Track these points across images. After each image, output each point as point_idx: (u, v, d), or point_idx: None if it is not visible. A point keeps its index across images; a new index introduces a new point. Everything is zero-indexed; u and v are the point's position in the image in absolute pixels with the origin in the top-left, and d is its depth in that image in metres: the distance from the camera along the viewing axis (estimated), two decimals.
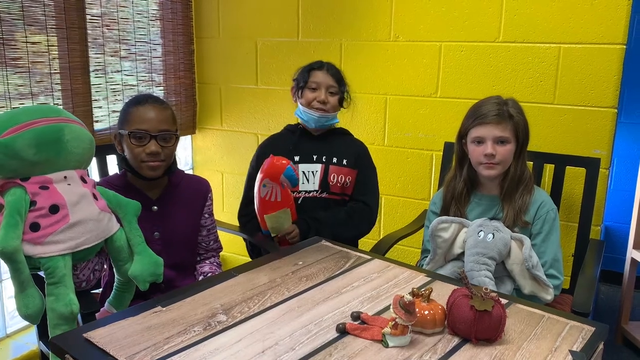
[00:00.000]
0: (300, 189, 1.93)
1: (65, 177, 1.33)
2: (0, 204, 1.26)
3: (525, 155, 1.70)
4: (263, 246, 1.84)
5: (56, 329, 1.28)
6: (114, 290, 1.50)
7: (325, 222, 1.89)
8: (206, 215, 1.71)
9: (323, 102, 1.92)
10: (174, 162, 1.63)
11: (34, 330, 1.68)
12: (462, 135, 1.72)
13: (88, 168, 1.45)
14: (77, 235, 1.30)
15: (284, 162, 1.77)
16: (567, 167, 1.99)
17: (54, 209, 1.28)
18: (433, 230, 1.63)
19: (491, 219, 1.63)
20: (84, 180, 1.37)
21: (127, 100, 1.63)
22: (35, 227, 1.26)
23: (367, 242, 2.42)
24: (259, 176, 1.80)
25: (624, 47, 1.97)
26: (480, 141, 1.65)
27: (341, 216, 1.93)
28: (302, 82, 1.95)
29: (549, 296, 1.53)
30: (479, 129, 1.65)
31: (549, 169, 2.05)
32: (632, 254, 2.41)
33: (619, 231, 3.06)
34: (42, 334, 1.53)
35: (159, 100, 1.60)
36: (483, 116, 1.64)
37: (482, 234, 1.55)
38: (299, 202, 1.93)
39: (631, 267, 2.44)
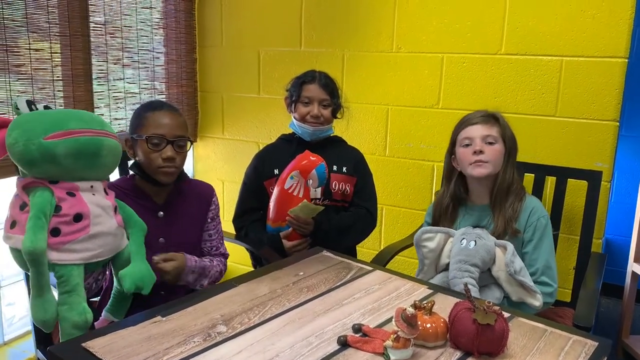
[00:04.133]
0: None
1: (92, 186, 1.32)
2: (25, 202, 1.25)
3: (514, 163, 1.71)
4: (265, 257, 1.83)
5: (69, 338, 1.27)
6: (111, 298, 1.48)
7: (334, 225, 1.91)
8: (209, 220, 1.71)
9: (316, 116, 1.92)
10: (182, 169, 1.63)
11: (31, 338, 1.67)
12: (451, 147, 1.75)
13: None
14: (93, 247, 1.29)
15: (318, 158, 1.80)
16: (569, 179, 1.99)
17: (78, 217, 1.27)
18: (418, 240, 1.65)
19: (475, 226, 1.64)
20: (106, 192, 1.37)
21: (139, 106, 1.63)
22: (55, 232, 1.25)
23: (367, 252, 2.42)
24: (286, 170, 1.81)
25: (626, 60, 1.97)
26: (468, 143, 1.67)
27: (348, 222, 1.94)
28: (294, 95, 1.95)
29: (537, 302, 1.52)
30: (466, 130, 1.68)
31: (550, 182, 2.05)
32: (632, 267, 2.41)
33: (619, 244, 3.06)
34: (40, 342, 1.52)
35: (172, 107, 1.61)
36: (469, 119, 1.70)
37: (464, 241, 1.56)
38: None
39: (632, 281, 2.43)
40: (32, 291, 1.24)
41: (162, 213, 1.60)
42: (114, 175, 1.63)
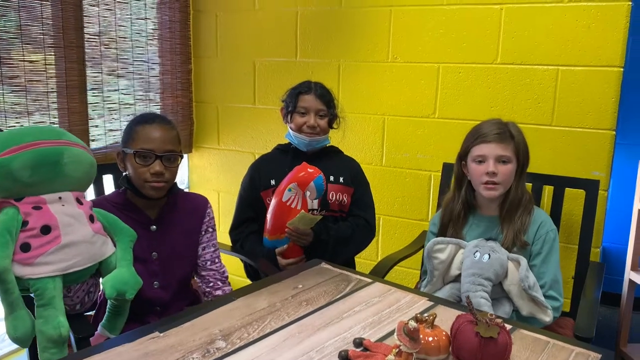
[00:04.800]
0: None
1: (60, 197, 1.31)
2: None
3: (525, 177, 1.70)
4: (263, 271, 1.81)
5: (45, 353, 1.25)
6: (107, 313, 1.46)
7: (334, 236, 1.90)
8: (203, 232, 1.69)
9: (313, 126, 1.91)
10: (174, 182, 1.61)
11: (24, 353, 1.64)
12: (463, 155, 1.72)
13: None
14: (68, 257, 1.28)
15: (316, 170, 1.79)
16: (567, 188, 1.99)
17: (46, 229, 1.26)
18: (429, 251, 1.62)
19: (488, 239, 1.62)
20: (79, 202, 1.35)
21: (132, 118, 1.61)
22: (25, 247, 1.24)
23: (365, 263, 2.41)
24: (284, 181, 1.80)
25: (622, 69, 1.98)
26: (482, 160, 1.64)
27: (347, 233, 1.93)
28: (291, 106, 1.95)
29: (547, 318, 1.51)
30: (481, 147, 1.64)
31: (548, 191, 2.04)
32: (630, 275, 2.40)
33: (615, 252, 3.06)
34: (33, 358, 1.49)
35: (165, 120, 1.59)
36: (485, 135, 1.64)
37: (478, 254, 1.54)
38: None
39: (629, 289, 2.43)
40: (4, 309, 1.24)
41: (154, 227, 1.58)
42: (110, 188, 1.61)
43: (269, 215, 1.85)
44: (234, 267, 2.11)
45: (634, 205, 2.36)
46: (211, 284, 1.70)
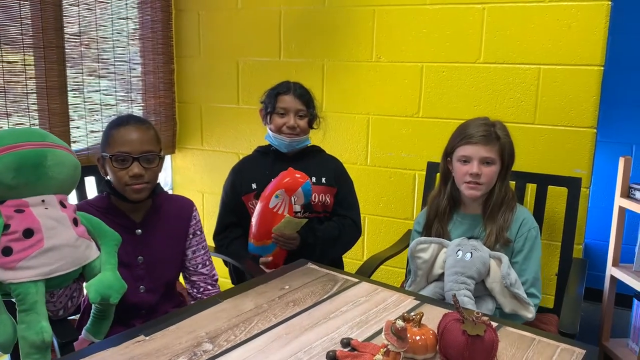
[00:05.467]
0: None
1: (43, 200, 1.29)
2: None
3: (509, 177, 1.71)
4: (249, 272, 1.80)
5: (28, 358, 1.23)
6: (91, 317, 1.44)
7: (320, 237, 1.89)
8: (190, 236, 1.67)
9: (292, 127, 1.90)
10: (158, 184, 1.59)
11: (6, 359, 1.61)
12: (448, 153, 1.72)
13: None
14: (50, 262, 1.26)
15: (303, 175, 1.79)
16: (549, 186, 2.01)
17: (28, 233, 1.24)
18: (412, 251, 1.63)
19: (470, 237, 1.64)
20: (63, 205, 1.33)
21: (108, 122, 1.59)
22: (7, 251, 1.22)
23: (351, 262, 2.41)
24: (270, 187, 1.79)
25: (602, 68, 2.01)
26: (466, 160, 1.66)
27: (334, 233, 1.93)
28: (270, 107, 1.93)
29: (530, 314, 1.53)
30: (465, 147, 1.65)
31: (530, 189, 2.06)
32: (611, 271, 2.44)
33: (596, 248, 3.10)
34: None
35: (140, 120, 1.56)
36: (470, 135, 1.65)
37: (460, 253, 1.56)
38: None
39: (610, 285, 2.46)
40: None
41: (140, 231, 1.56)
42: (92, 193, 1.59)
43: (254, 221, 1.84)
44: (218, 272, 2.10)
45: (614, 202, 2.39)
46: (201, 289, 1.68)
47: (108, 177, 1.54)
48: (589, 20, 1.99)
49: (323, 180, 1.97)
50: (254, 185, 1.93)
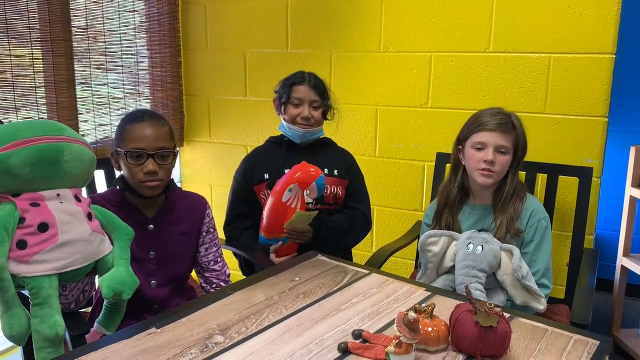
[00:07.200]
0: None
1: (58, 194, 1.29)
2: None
3: (519, 168, 1.70)
4: (259, 264, 1.80)
5: (41, 352, 1.23)
6: (103, 309, 1.45)
7: (332, 229, 1.89)
8: (204, 234, 1.67)
9: (307, 118, 1.89)
10: (171, 180, 1.59)
11: (19, 351, 1.62)
12: (461, 140, 1.71)
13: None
14: (64, 256, 1.26)
15: (317, 170, 1.78)
16: (560, 176, 1.99)
17: (43, 227, 1.24)
18: (422, 245, 1.62)
19: (480, 230, 1.62)
20: (77, 199, 1.33)
21: (123, 116, 1.58)
22: (22, 244, 1.22)
23: (360, 254, 2.40)
24: (283, 180, 1.78)
25: (614, 56, 1.98)
26: (481, 147, 1.64)
27: (345, 225, 1.93)
28: (284, 97, 1.92)
29: (541, 306, 1.52)
30: (481, 134, 1.65)
31: (541, 179, 2.05)
32: (622, 261, 2.43)
33: (607, 238, 3.08)
34: (28, 356, 1.48)
35: (155, 116, 1.55)
36: (487, 123, 1.65)
37: (471, 246, 1.54)
38: None
39: (621, 275, 2.45)
40: (0, 307, 1.22)
41: (152, 226, 1.56)
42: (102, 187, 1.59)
43: (266, 214, 1.83)
44: (228, 263, 2.10)
45: (625, 191, 2.37)
46: (214, 285, 1.69)
47: (122, 172, 1.54)
48: (600, 8, 1.96)
49: (335, 172, 1.96)
50: (266, 176, 1.93)
